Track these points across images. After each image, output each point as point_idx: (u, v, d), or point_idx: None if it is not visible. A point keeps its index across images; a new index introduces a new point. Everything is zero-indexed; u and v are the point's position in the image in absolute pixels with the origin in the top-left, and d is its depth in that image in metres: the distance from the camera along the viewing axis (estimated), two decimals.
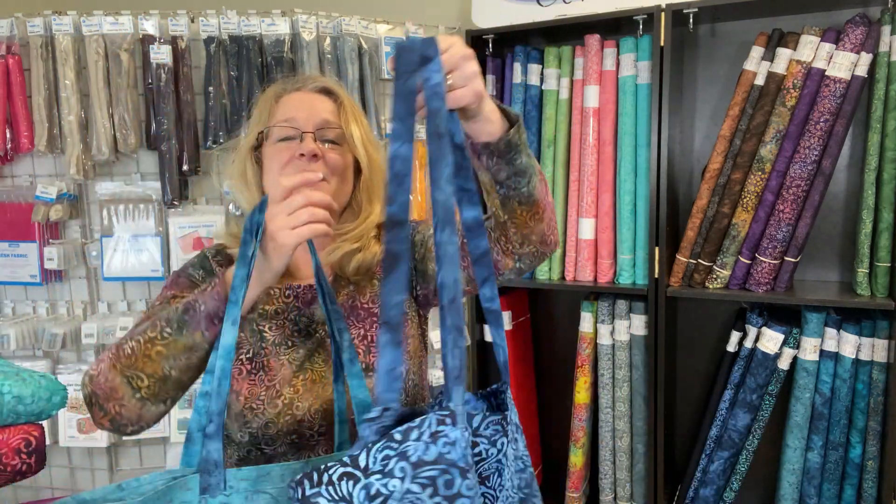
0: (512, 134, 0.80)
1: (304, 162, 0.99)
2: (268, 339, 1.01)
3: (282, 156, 1.01)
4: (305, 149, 0.99)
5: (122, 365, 0.86)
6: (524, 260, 0.91)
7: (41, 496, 1.92)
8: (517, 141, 0.81)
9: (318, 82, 1.08)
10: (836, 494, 1.66)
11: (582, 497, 1.98)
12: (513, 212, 0.86)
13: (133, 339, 0.86)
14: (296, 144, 1.01)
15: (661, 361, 1.75)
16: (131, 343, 0.86)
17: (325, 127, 1.03)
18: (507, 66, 1.94)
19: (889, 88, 1.53)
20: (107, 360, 0.87)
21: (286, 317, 1.03)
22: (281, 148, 1.02)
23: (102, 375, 0.87)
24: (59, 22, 1.73)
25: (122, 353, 0.86)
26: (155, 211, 1.80)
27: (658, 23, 1.68)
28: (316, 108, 1.04)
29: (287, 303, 1.04)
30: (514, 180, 0.83)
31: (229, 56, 1.77)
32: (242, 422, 0.97)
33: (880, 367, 1.59)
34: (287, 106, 1.05)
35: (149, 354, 0.85)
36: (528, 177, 0.83)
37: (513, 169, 0.82)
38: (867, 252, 1.58)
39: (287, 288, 1.04)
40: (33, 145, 1.76)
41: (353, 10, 1.96)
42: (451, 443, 0.57)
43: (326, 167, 1.00)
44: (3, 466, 0.99)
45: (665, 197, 1.72)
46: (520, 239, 0.88)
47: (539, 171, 0.87)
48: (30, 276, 1.81)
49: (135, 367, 0.85)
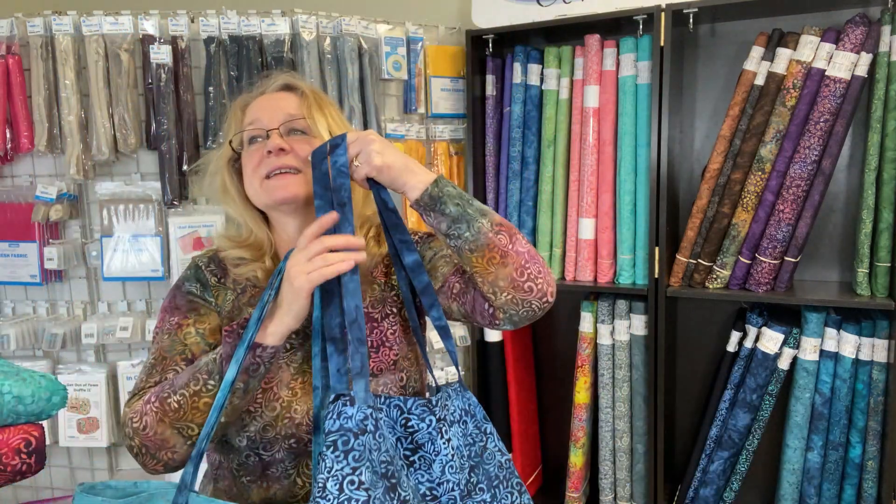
0: (431, 188, 0.92)
1: (274, 158, 1.00)
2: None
3: (253, 158, 1.02)
4: (271, 145, 1.00)
5: (170, 419, 0.90)
6: (508, 310, 0.93)
7: (41, 496, 1.92)
8: (439, 193, 0.92)
9: (279, 80, 1.09)
10: (836, 494, 1.66)
11: (582, 497, 1.98)
12: (468, 260, 0.93)
13: (177, 394, 0.90)
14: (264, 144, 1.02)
15: (661, 361, 1.75)
16: (176, 398, 0.90)
17: (289, 120, 1.03)
18: (507, 66, 1.94)
19: (889, 88, 1.53)
20: (151, 414, 0.91)
21: None
22: (252, 151, 1.03)
23: (150, 429, 0.91)
24: (59, 22, 1.73)
25: (168, 408, 0.90)
26: (155, 211, 1.80)
27: (658, 23, 1.68)
28: (278, 105, 1.05)
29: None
30: (454, 228, 0.92)
31: (229, 56, 1.77)
32: (241, 425, 0.97)
33: (880, 367, 1.59)
34: (251, 111, 1.06)
35: (196, 406, 0.90)
36: (467, 223, 0.92)
37: (448, 218, 0.92)
38: (867, 252, 1.58)
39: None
40: (33, 145, 1.76)
41: (353, 10, 1.96)
42: (348, 416, 0.82)
43: (297, 159, 1.01)
44: (3, 466, 0.99)
45: (665, 197, 1.72)
46: (489, 287, 0.92)
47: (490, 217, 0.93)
48: (30, 276, 1.81)
49: (184, 419, 0.90)
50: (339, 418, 0.81)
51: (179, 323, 1.02)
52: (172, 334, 1.01)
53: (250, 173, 1.03)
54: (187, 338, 1.00)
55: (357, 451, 0.80)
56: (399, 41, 1.93)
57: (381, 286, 1.08)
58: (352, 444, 0.81)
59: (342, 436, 0.81)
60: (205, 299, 1.04)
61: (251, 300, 1.04)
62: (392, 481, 0.83)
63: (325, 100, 1.08)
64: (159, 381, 0.97)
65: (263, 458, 0.98)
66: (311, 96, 1.06)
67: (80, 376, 1.82)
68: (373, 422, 0.83)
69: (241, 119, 1.08)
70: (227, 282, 1.06)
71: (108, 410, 1.82)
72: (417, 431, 0.91)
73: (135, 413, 0.93)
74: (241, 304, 1.04)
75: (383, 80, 1.94)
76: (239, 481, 1.00)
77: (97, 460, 1.89)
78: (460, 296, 0.99)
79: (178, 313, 1.03)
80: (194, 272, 1.07)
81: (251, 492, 0.99)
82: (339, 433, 0.81)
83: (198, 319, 1.02)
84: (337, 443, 0.81)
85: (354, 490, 0.78)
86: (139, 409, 0.93)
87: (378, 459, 0.83)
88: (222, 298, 1.04)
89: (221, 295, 1.05)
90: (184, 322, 1.02)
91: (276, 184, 1.00)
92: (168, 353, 1.00)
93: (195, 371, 0.91)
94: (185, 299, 1.04)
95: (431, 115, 2.03)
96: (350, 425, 0.81)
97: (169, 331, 1.01)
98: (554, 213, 1.92)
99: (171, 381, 0.93)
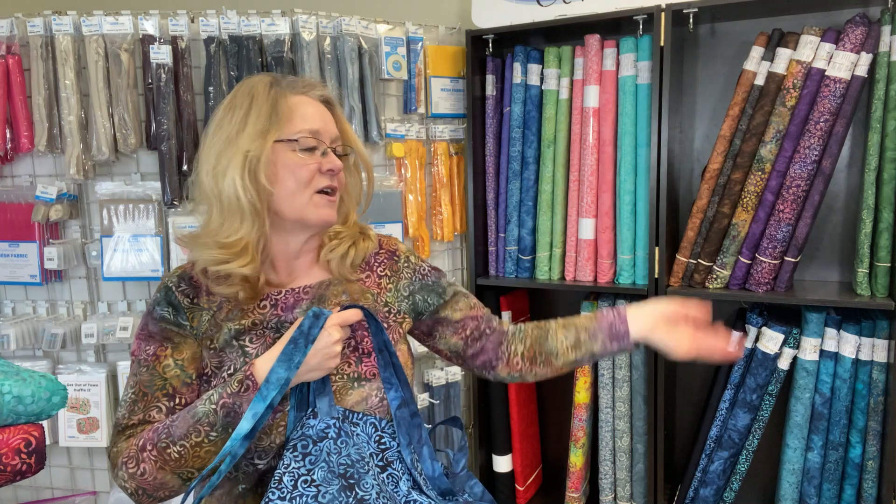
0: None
1: (329, 177, 1.02)
2: (250, 352, 1.00)
3: (309, 168, 1.00)
4: (336, 165, 1.02)
5: (171, 467, 0.92)
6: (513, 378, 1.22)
7: (41, 496, 1.92)
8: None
9: (319, 90, 1.07)
10: (836, 494, 1.66)
11: (582, 497, 1.98)
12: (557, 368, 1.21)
13: (177, 445, 0.91)
14: (317, 157, 1.01)
15: (661, 361, 1.75)
16: (176, 448, 0.91)
17: (338, 143, 1.06)
18: (507, 66, 1.94)
19: (889, 88, 1.53)
20: (150, 462, 0.92)
21: (266, 326, 1.01)
22: (306, 158, 1.00)
23: (149, 475, 0.93)
24: (59, 22, 1.73)
25: (168, 458, 0.92)
26: (155, 211, 1.80)
27: (658, 23, 1.68)
28: (328, 121, 1.05)
29: (264, 313, 1.02)
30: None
31: (229, 56, 1.77)
32: None
33: (880, 367, 1.59)
34: (307, 115, 1.01)
35: (198, 455, 0.92)
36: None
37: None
38: (867, 252, 1.58)
39: (263, 298, 1.03)
40: (33, 145, 1.76)
41: (353, 10, 1.96)
42: (311, 426, 0.94)
43: (340, 182, 1.05)
44: (3, 466, 0.99)
45: (665, 197, 1.72)
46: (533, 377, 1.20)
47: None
48: (30, 276, 1.81)
49: (185, 466, 0.92)
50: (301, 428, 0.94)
51: (157, 354, 1.00)
52: (151, 368, 0.99)
53: (298, 183, 0.99)
54: (166, 371, 0.99)
55: (313, 455, 0.92)
56: (399, 41, 1.93)
57: (373, 296, 1.10)
58: (310, 449, 0.92)
59: (302, 440, 0.93)
60: (178, 324, 1.01)
61: (229, 315, 1.01)
62: (350, 481, 0.91)
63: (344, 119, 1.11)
64: (143, 418, 0.98)
65: (259, 466, 0.98)
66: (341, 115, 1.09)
67: (80, 376, 1.82)
68: (335, 430, 0.94)
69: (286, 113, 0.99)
70: (201, 301, 1.03)
71: (108, 410, 1.82)
72: (388, 449, 0.99)
73: (128, 458, 0.94)
74: (218, 320, 1.01)
75: (383, 80, 1.94)
76: (235, 489, 1.00)
77: (97, 460, 1.89)
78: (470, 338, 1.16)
79: (154, 342, 1.01)
80: (164, 295, 1.03)
81: (247, 499, 1.00)
82: (300, 438, 0.93)
83: (174, 349, 1.00)
84: (297, 445, 0.92)
85: (306, 487, 0.89)
86: (133, 455, 0.94)
87: (337, 462, 0.92)
88: (197, 320, 1.02)
89: (196, 317, 1.02)
90: (160, 353, 1.00)
91: (324, 203, 1.02)
92: (148, 388, 0.99)
93: (195, 422, 0.91)
94: (157, 326, 1.01)
95: (431, 115, 2.03)
96: (311, 433, 0.93)
97: (147, 363, 1.00)
98: (554, 213, 1.92)
99: (167, 428, 0.93)
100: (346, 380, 1.01)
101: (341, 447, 0.93)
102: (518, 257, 1.97)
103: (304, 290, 1.05)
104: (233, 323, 1.01)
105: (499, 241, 2.01)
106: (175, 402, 0.99)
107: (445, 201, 2.04)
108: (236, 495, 1.00)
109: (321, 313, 0.94)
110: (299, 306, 1.03)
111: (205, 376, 1.01)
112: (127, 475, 0.94)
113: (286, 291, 1.04)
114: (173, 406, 0.99)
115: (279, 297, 1.03)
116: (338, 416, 0.96)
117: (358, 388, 1.01)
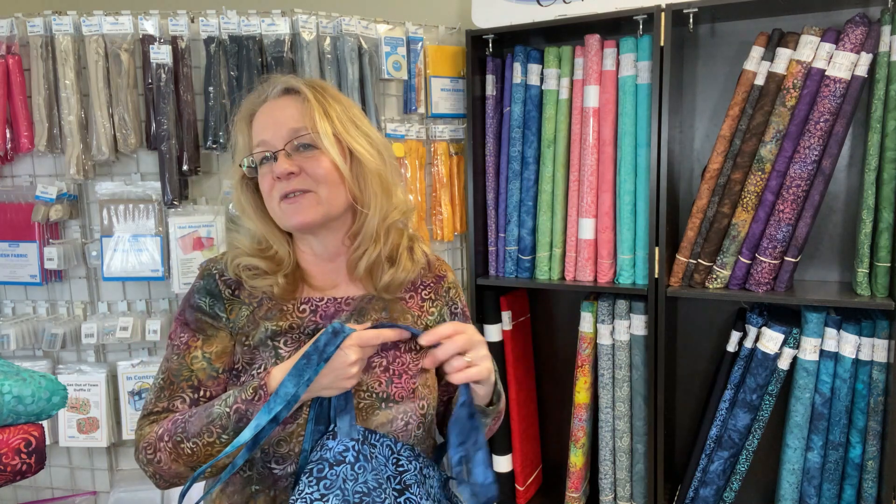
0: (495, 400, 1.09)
1: (284, 182, 0.97)
2: (283, 355, 0.99)
3: (266, 181, 1.00)
4: (279, 170, 0.97)
5: (184, 461, 0.94)
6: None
7: (41, 496, 1.92)
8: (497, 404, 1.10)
9: (279, 84, 1.03)
10: (836, 494, 1.66)
11: (582, 497, 1.98)
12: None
13: (190, 441, 0.93)
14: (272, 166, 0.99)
15: (661, 361, 1.75)
16: (189, 444, 0.93)
17: (295, 137, 0.98)
18: (507, 66, 1.94)
19: (889, 88, 1.53)
20: (165, 453, 0.95)
21: (302, 331, 1.01)
22: (264, 173, 1.00)
23: (165, 465, 0.95)
24: (59, 22, 1.73)
25: (181, 452, 0.94)
26: (155, 211, 1.80)
27: (658, 23, 1.68)
28: (282, 119, 0.99)
29: (302, 317, 1.02)
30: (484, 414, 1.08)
31: (229, 56, 1.77)
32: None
33: (880, 367, 1.59)
34: (258, 126, 1.02)
35: (210, 453, 0.93)
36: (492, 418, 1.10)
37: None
38: (867, 252, 1.58)
39: (303, 301, 1.03)
40: (33, 145, 1.76)
41: (353, 10, 1.96)
42: (328, 449, 0.92)
43: (308, 178, 0.98)
44: (3, 466, 0.99)
45: (665, 197, 1.72)
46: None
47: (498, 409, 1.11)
48: (30, 276, 1.81)
49: (198, 462, 0.94)
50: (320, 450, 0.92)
51: (188, 343, 1.01)
52: (181, 356, 1.01)
53: (267, 197, 1.01)
54: (194, 363, 1.00)
55: (329, 479, 0.90)
56: (399, 41, 1.93)
57: (413, 318, 1.08)
58: (325, 473, 0.90)
59: (318, 464, 0.91)
60: (215, 315, 1.01)
61: (268, 314, 1.01)
62: None
63: (329, 98, 1.01)
64: (167, 406, 1.00)
65: (275, 471, 0.98)
66: (314, 99, 0.99)
67: (80, 376, 1.82)
68: (353, 454, 0.92)
69: (248, 134, 1.03)
70: (243, 294, 1.03)
71: (108, 410, 1.82)
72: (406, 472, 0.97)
73: (147, 445, 0.96)
74: (257, 318, 1.01)
75: (383, 80, 1.94)
76: (248, 488, 1.00)
77: (97, 460, 1.89)
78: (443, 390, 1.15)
79: (188, 330, 1.02)
80: (206, 283, 1.03)
81: (258, 499, 1.00)
82: (317, 462, 0.91)
83: (205, 341, 1.01)
84: (312, 470, 0.91)
85: None
86: (152, 443, 0.96)
87: (352, 490, 0.90)
88: (236, 313, 1.02)
89: (235, 309, 1.02)
90: (192, 343, 1.01)
91: (289, 208, 0.98)
92: (176, 377, 1.00)
93: (209, 422, 0.92)
94: (193, 316, 1.02)
95: (431, 115, 2.03)
96: (328, 456, 0.91)
97: (178, 351, 1.01)
98: (554, 213, 1.92)
99: (184, 423, 0.94)
100: (374, 399, 1.00)
101: (358, 473, 0.91)
102: (518, 257, 1.97)
103: (345, 301, 1.04)
104: (270, 322, 1.00)
105: (499, 241, 2.01)
106: (199, 394, 1.00)
107: (445, 201, 2.05)
108: (248, 494, 1.00)
109: (341, 330, 0.90)
110: (339, 316, 1.02)
111: (234, 371, 1.01)
112: (146, 460, 0.97)
113: (328, 300, 1.04)
114: (197, 398, 1.00)
115: (320, 303, 1.03)
116: (357, 438, 0.93)
117: (385, 410, 0.99)
